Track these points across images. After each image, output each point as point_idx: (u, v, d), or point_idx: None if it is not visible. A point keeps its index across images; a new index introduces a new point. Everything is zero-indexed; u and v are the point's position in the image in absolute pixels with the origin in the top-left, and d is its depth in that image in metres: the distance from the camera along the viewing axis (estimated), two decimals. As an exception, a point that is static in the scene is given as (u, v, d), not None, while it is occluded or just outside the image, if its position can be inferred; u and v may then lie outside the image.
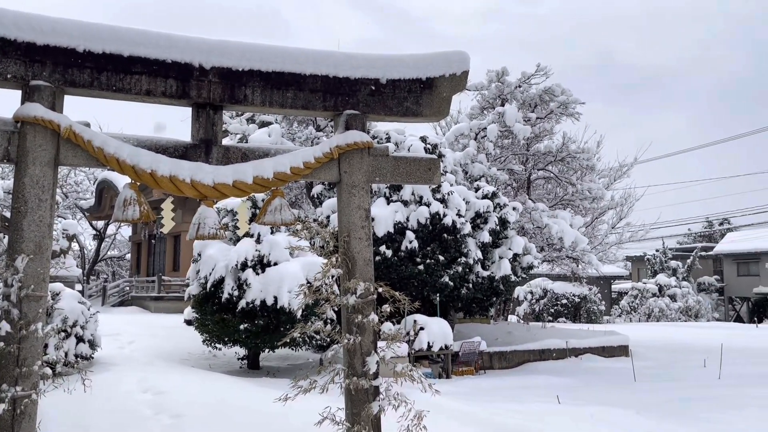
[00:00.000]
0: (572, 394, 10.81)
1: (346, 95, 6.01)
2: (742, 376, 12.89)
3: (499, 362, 15.43)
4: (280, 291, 11.84)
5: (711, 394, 10.85)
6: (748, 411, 9.24)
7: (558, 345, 16.42)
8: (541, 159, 21.67)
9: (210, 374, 11.26)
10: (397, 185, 14.51)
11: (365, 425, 5.79)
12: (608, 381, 12.86)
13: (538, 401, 9.93)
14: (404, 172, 6.46)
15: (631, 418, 8.53)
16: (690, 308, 39.46)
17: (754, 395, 10.54)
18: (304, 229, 6.77)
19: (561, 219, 19.55)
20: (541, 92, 21.58)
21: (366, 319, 5.86)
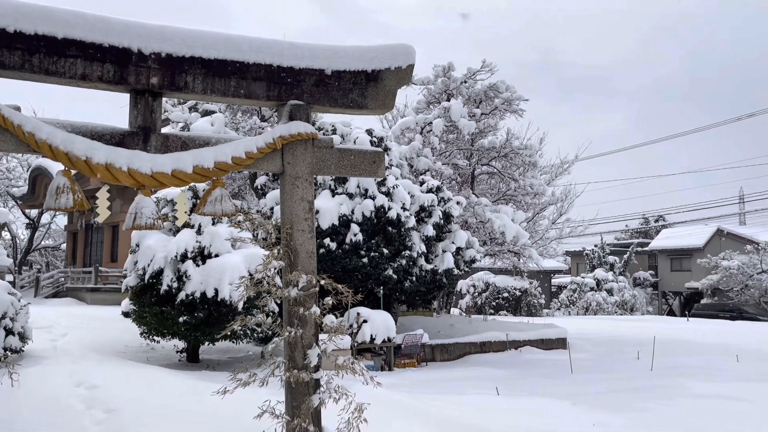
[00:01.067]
0: (511, 385, 10.96)
1: (290, 85, 5.93)
2: (674, 368, 13.28)
3: (441, 354, 15.55)
4: (221, 283, 11.66)
5: (644, 385, 11.16)
6: (678, 401, 9.54)
7: (498, 338, 16.64)
8: (485, 154, 21.88)
9: (147, 367, 11.02)
10: (342, 178, 14.45)
11: (305, 418, 5.75)
12: (546, 373, 13.08)
13: (478, 393, 10.04)
14: (349, 165, 6.42)
15: (566, 408, 8.70)
16: (626, 302, 40.56)
17: (684, 386, 10.88)
18: (246, 221, 6.65)
19: (503, 214, 19.80)
20: (486, 88, 21.77)
21: (308, 312, 5.80)
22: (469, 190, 21.42)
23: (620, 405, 9.11)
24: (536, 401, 9.20)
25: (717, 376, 12.25)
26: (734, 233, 48.56)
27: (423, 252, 15.26)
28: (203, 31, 5.65)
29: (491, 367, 13.72)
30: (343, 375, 6.15)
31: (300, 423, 5.73)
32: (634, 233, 61.54)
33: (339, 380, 6.00)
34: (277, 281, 6.04)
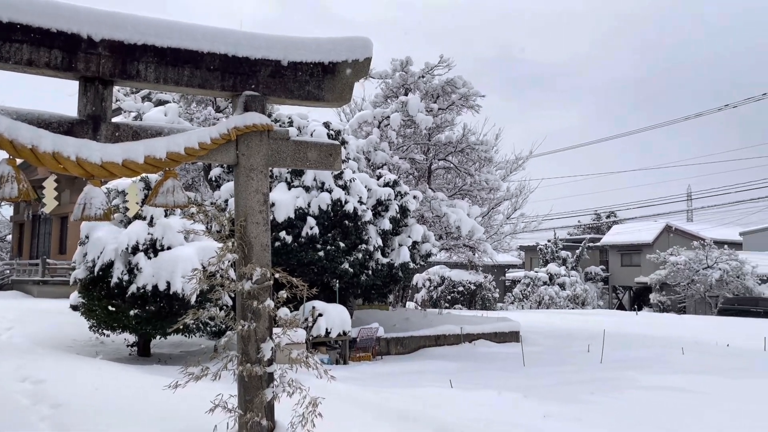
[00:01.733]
0: (465, 378, 11.05)
1: (246, 76, 5.84)
2: (622, 361, 13.56)
3: (396, 348, 15.58)
4: (174, 276, 11.47)
5: (593, 377, 11.36)
6: (626, 393, 9.74)
7: (453, 331, 16.75)
8: (441, 149, 21.96)
9: (96, 362, 10.78)
10: (298, 170, 14.35)
11: (258, 412, 5.69)
12: (499, 366, 13.22)
13: (432, 386, 10.08)
14: (305, 157, 6.36)
15: (518, 400, 8.80)
16: (577, 296, 41.28)
17: (631, 378, 11.12)
18: (199, 213, 6.54)
19: (459, 208, 19.92)
20: (444, 83, 21.81)
21: (261, 305, 5.74)
22: (425, 185, 21.48)
23: (570, 397, 9.25)
24: (489, 393, 9.28)
25: (663, 368, 12.54)
26: (682, 229, 49.80)
27: (379, 246, 15.27)
28: (156, 19, 5.51)
29: (446, 360, 13.81)
30: (297, 369, 6.11)
31: (253, 417, 5.67)
32: (586, 229, 62.62)
33: (293, 374, 5.95)
34: (230, 274, 5.96)
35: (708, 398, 9.38)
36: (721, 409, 8.64)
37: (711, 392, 9.79)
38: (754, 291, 37.03)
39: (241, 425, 5.75)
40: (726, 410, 8.52)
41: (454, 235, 20.44)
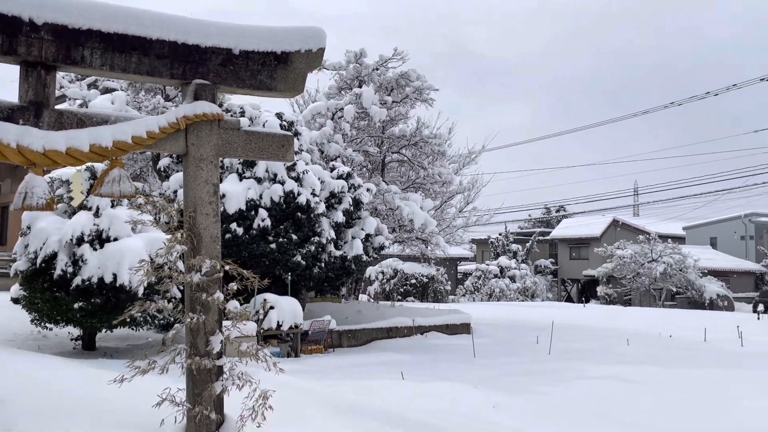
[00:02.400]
0: (416, 370, 11.09)
1: (196, 64, 5.72)
2: (570, 352, 13.81)
3: (349, 340, 15.57)
4: (120, 268, 11.20)
5: (542, 368, 11.54)
6: (573, 383, 9.93)
7: (405, 323, 16.82)
8: (395, 142, 21.98)
9: (38, 356, 10.45)
10: (250, 161, 14.16)
11: (207, 406, 5.61)
12: (451, 357, 13.32)
13: (384, 378, 10.10)
14: (257, 148, 6.27)
15: (469, 391, 8.87)
16: (527, 289, 41.90)
17: (578, 369, 11.34)
18: (147, 204, 6.40)
19: (412, 201, 19.96)
20: (398, 76, 21.81)
21: (211, 298, 5.65)
22: (379, 178, 21.47)
23: (519, 387, 9.38)
24: (441, 385, 9.34)
25: (609, 359, 12.82)
26: (628, 224, 50.93)
27: (332, 238, 15.21)
28: (103, 3, 5.35)
29: (398, 353, 13.85)
30: (248, 362, 6.04)
31: (201, 410, 5.58)
32: (537, 222, 63.47)
33: (243, 367, 5.88)
34: (179, 266, 5.85)
35: (648, 387, 9.63)
36: (659, 397, 8.89)
37: (651, 381, 10.07)
38: (695, 284, 38.11)
39: (189, 419, 5.66)
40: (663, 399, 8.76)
41: (407, 228, 20.51)
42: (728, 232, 51.46)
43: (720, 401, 8.67)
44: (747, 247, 49.54)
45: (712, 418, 7.70)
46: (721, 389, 9.48)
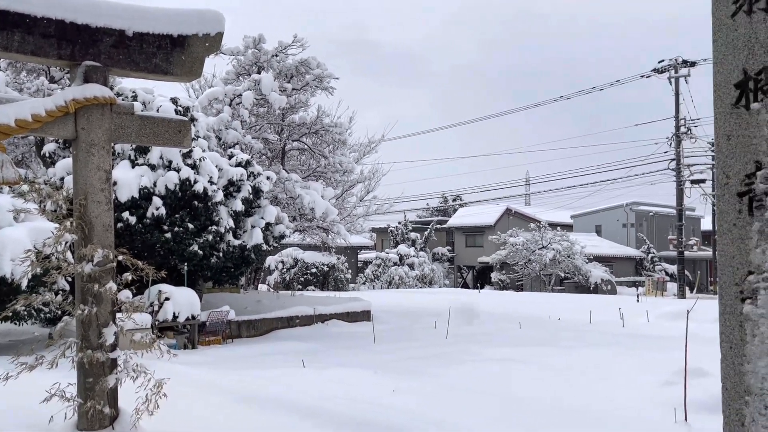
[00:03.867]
0: (317, 357, 11.11)
1: (86, 44, 5.47)
2: (466, 335, 14.19)
3: (248, 331, 15.38)
4: (1, 259, 10.59)
5: (439, 352, 11.78)
6: (466, 366, 10.18)
7: (306, 312, 16.79)
8: (296, 130, 21.81)
9: None
10: (143, 147, 13.67)
11: (100, 400, 5.44)
12: (351, 344, 13.40)
13: (284, 366, 10.06)
14: (152, 133, 6.10)
15: (369, 377, 8.95)
16: (426, 276, 42.70)
17: (472, 352, 11.65)
18: (32, 191, 6.10)
19: (313, 190, 19.90)
20: (298, 63, 21.62)
21: (103, 288, 5.46)
22: (279, 166, 21.26)
23: (418, 371, 9.54)
24: (341, 371, 9.39)
25: (502, 341, 13.23)
26: (520, 212, 52.79)
27: (231, 227, 14.95)
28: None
29: (298, 341, 13.81)
30: (143, 354, 5.88)
31: (94, 405, 5.41)
32: (434, 211, 64.65)
33: (138, 359, 5.73)
34: (68, 257, 5.62)
35: (536, 367, 9.99)
36: (544, 375, 9.23)
37: (540, 361, 10.44)
38: (581, 269, 39.97)
39: (81, 415, 5.48)
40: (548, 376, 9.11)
41: (308, 217, 20.43)
42: (611, 220, 54.32)
43: (599, 377, 9.12)
44: (628, 234, 52.47)
45: (589, 391, 8.07)
46: (603, 366, 9.96)
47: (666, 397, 7.34)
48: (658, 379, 8.52)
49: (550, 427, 6.37)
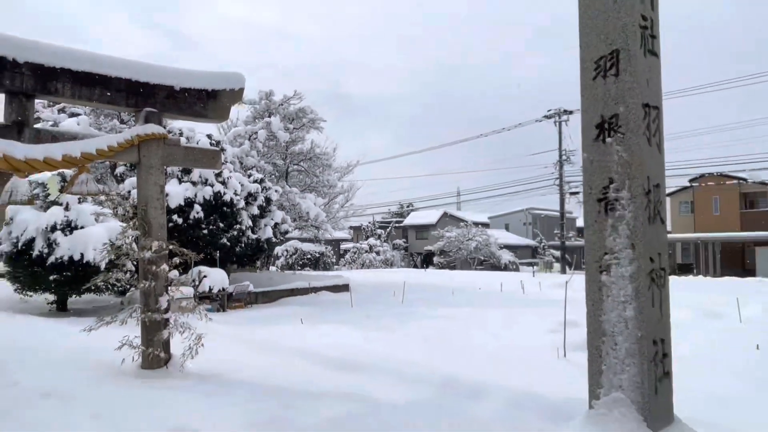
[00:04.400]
0: (312, 318, 11.09)
1: (146, 96, 5.46)
2: (416, 301, 14.26)
3: (263, 299, 15.24)
4: (86, 248, 10.42)
5: (397, 312, 11.85)
6: (416, 321, 10.26)
7: (303, 285, 16.69)
8: (296, 157, 21.71)
9: (20, 316, 9.55)
10: (187, 169, 13.53)
11: (157, 347, 5.42)
12: (336, 308, 13.38)
13: (288, 324, 10.04)
14: (193, 159, 6.10)
15: (348, 330, 9.01)
16: (388, 260, 42.71)
17: (419, 312, 11.74)
18: (108, 200, 6.04)
19: (308, 199, 19.82)
20: (297, 110, 21.51)
21: (159, 269, 5.45)
22: (284, 182, 21.11)
23: (382, 326, 9.61)
24: (328, 327, 9.41)
25: (441, 304, 13.35)
26: (454, 215, 52.99)
27: (250, 226, 14.84)
28: (72, 49, 4.99)
29: (298, 306, 13.73)
30: (188, 315, 5.87)
31: (153, 351, 5.39)
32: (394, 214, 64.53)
33: (184, 319, 5.71)
34: (134, 247, 5.59)
35: (463, 321, 10.16)
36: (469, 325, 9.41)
37: (465, 317, 10.61)
38: (495, 254, 40.36)
39: (144, 358, 5.46)
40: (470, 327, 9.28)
41: (304, 218, 20.32)
42: (516, 220, 55.05)
43: (507, 327, 9.30)
44: (527, 230, 53.25)
45: (501, 337, 8.24)
46: (509, 320, 10.15)
47: (552, 341, 7.53)
48: (546, 328, 8.72)
49: (476, 363, 6.50)
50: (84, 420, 3.95)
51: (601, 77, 3.11)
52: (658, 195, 3.13)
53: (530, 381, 5.32)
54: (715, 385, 5.36)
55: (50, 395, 4.41)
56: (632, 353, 2.97)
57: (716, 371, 5.98)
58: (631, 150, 3.01)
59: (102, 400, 4.36)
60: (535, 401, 4.58)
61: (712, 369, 6.06)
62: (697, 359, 6.37)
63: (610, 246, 3.11)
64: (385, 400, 4.58)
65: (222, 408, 4.26)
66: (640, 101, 3.00)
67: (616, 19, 3.02)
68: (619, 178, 3.05)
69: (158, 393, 4.60)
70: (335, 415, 4.15)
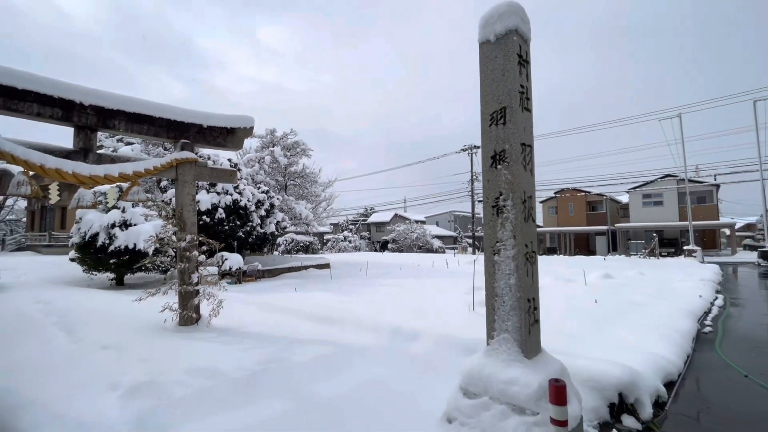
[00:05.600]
0: (303, 287, 10.90)
1: (182, 131, 5.26)
2: (376, 275, 14.19)
3: (268, 274, 14.83)
4: (138, 239, 9.90)
5: (363, 282, 11.77)
6: (377, 288, 10.21)
7: (297, 264, 16.37)
8: (292, 175, 21.30)
9: (87, 290, 8.99)
10: (213, 183, 13.06)
11: (190, 310, 5.22)
12: (320, 280, 13.17)
13: (286, 292, 9.84)
14: (216, 176, 5.91)
15: (329, 296, 8.84)
16: (357, 246, 42.44)
17: (378, 282, 11.67)
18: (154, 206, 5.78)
19: (301, 205, 19.49)
20: (293, 143, 21.15)
21: (191, 254, 5.25)
22: (284, 193, 20.68)
23: (352, 292, 9.51)
24: (315, 293, 9.25)
25: (392, 276, 13.33)
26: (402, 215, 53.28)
27: (259, 223, 14.45)
28: (124, 95, 4.76)
29: (293, 279, 13.45)
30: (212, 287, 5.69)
31: (187, 313, 5.19)
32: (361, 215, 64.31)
33: (210, 289, 5.53)
34: (173, 238, 5.37)
35: (406, 288, 10.17)
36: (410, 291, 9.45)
37: (409, 286, 10.65)
38: (429, 242, 40.81)
39: (180, 318, 5.25)
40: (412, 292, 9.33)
41: (298, 218, 19.97)
42: (444, 219, 55.83)
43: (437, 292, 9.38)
44: (451, 226, 54.08)
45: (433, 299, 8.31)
46: (438, 287, 10.25)
47: (466, 300, 7.64)
48: (462, 292, 8.85)
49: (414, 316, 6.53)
50: (134, 363, 3.77)
51: (494, 125, 3.20)
52: (531, 203, 3.25)
53: (450, 328, 5.41)
54: (568, 327, 5.58)
55: (109, 347, 4.18)
56: (514, 308, 3.08)
57: (569, 317, 6.22)
58: (513, 173, 3.12)
59: (149, 349, 4.17)
60: (453, 341, 4.67)
61: (566, 316, 6.30)
62: (556, 310, 6.62)
63: (500, 237, 3.20)
64: (351, 344, 4.57)
65: (236, 352, 4.15)
66: (519, 141, 3.12)
67: (504, 86, 3.13)
68: (506, 192, 3.16)
69: (190, 343, 4.44)
70: (317, 354, 4.12)
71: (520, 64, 3.13)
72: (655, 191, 30.49)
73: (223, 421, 2.80)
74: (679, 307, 6.64)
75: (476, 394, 2.93)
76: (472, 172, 34.89)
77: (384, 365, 3.90)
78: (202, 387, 3.35)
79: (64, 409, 2.92)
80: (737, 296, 9.19)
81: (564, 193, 36.00)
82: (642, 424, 3.29)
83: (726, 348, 5.09)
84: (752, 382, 3.96)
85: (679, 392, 3.82)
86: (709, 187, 29.15)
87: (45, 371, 3.37)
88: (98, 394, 3.21)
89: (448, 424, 2.88)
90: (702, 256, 19.99)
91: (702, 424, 3.29)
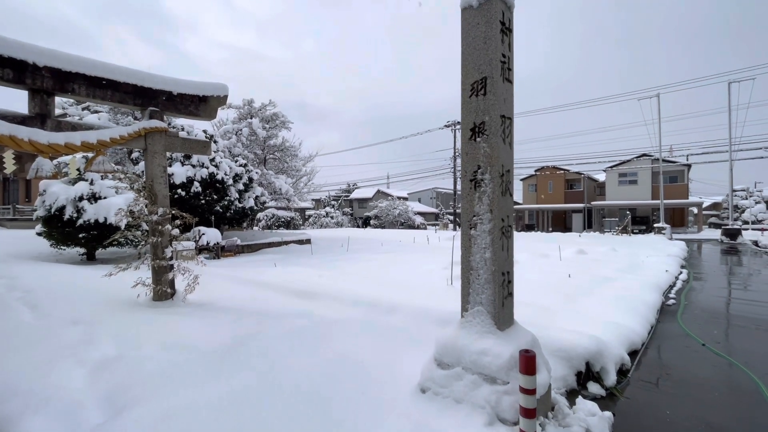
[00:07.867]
0: (283, 262, 10.84)
1: (150, 98, 4.98)
2: (357, 250, 14.17)
3: (247, 250, 14.68)
4: (109, 213, 9.54)
5: (343, 257, 11.78)
6: (355, 263, 10.20)
7: (277, 240, 16.19)
8: (271, 149, 20.76)
9: (55, 264, 8.67)
10: (188, 155, 12.60)
11: (165, 285, 5.12)
12: (301, 256, 13.12)
13: (265, 267, 9.75)
14: (189, 147, 5.67)
15: (309, 270, 8.79)
16: (339, 222, 42.35)
17: (358, 257, 11.64)
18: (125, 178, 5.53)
19: (281, 179, 19.14)
20: (272, 114, 20.50)
21: (164, 228, 5.10)
22: (263, 167, 20.20)
23: (333, 267, 9.52)
24: (295, 268, 9.21)
25: (374, 252, 13.40)
26: (384, 191, 53.17)
27: (237, 198, 14.14)
28: (85, 57, 4.44)
29: (273, 254, 13.37)
30: (188, 262, 5.57)
31: (161, 288, 5.09)
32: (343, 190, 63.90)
33: (185, 264, 5.41)
34: (145, 211, 5.18)
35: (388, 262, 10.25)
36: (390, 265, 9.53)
37: (389, 260, 10.72)
38: (411, 218, 41.10)
39: (154, 293, 5.14)
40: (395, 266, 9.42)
41: (278, 193, 19.65)
42: (426, 195, 56.09)
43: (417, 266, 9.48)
44: (433, 202, 54.45)
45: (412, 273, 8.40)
46: (419, 261, 10.36)
47: (444, 275, 7.77)
48: (441, 266, 8.98)
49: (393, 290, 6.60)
50: (106, 339, 3.69)
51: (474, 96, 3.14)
52: (509, 177, 3.25)
53: (428, 301, 5.50)
54: (541, 300, 5.76)
55: (78, 322, 4.07)
56: (488, 281, 3.12)
57: (542, 291, 6.41)
58: (492, 146, 3.09)
59: (120, 324, 4.08)
60: (430, 314, 4.77)
61: (540, 290, 6.49)
62: (531, 284, 6.80)
63: (477, 210, 3.21)
64: (329, 317, 4.60)
65: (213, 326, 4.11)
66: (499, 113, 3.08)
67: (485, 55, 3.05)
68: (484, 166, 3.14)
69: (165, 317, 4.37)
70: (293, 327, 4.13)
71: (502, 32, 3.04)
72: (630, 170, 31.33)
73: (193, 395, 2.79)
74: (646, 281, 6.95)
75: (449, 364, 3.01)
76: (455, 149, 34.89)
77: (361, 337, 3.95)
78: (175, 361, 3.33)
79: (28, 384, 2.84)
80: (700, 271, 9.68)
81: (544, 170, 36.57)
82: (606, 390, 3.48)
83: (686, 319, 5.39)
84: (708, 350, 4.23)
85: (642, 360, 4.05)
86: (681, 167, 30.14)
87: (5, 347, 3.26)
88: (66, 370, 3.14)
89: (422, 394, 2.97)
90: (670, 233, 20.90)
91: (660, 388, 3.50)
